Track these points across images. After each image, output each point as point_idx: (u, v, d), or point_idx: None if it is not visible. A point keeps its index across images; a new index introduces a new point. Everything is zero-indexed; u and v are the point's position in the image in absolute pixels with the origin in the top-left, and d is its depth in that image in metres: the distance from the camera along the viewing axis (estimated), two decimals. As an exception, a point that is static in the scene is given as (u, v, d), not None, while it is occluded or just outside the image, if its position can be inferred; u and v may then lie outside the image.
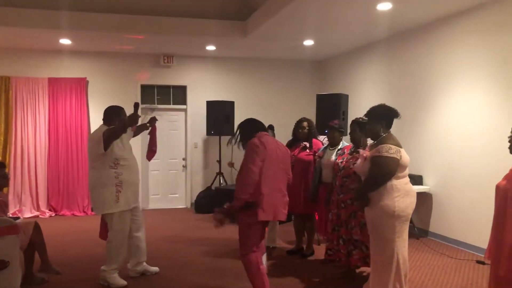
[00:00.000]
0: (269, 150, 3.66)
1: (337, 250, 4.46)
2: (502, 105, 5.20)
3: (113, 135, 4.27)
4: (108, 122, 4.45)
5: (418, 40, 6.67)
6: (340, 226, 4.41)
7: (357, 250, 4.28)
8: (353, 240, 4.29)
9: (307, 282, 4.56)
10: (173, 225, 7.45)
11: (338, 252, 4.46)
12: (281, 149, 3.81)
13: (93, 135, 4.49)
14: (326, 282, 4.57)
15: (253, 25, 7.10)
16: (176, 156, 9.15)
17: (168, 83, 9.02)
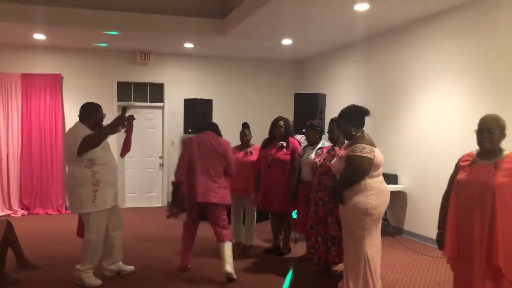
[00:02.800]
0: (196, 147, 4.69)
1: (317, 247, 4.50)
2: (474, 105, 5.33)
3: (93, 144, 4.21)
4: (84, 119, 4.38)
5: (394, 41, 6.77)
6: (318, 223, 4.45)
7: (335, 247, 4.32)
8: (330, 237, 4.33)
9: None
10: (150, 224, 7.38)
11: (318, 250, 4.50)
12: (216, 145, 4.70)
13: (70, 134, 4.40)
14: (303, 280, 4.61)
15: (231, 23, 7.09)
16: (153, 154, 9.07)
17: (145, 81, 8.93)
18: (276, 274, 4.78)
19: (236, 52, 8.88)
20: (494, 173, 2.89)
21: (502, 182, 2.84)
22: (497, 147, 2.97)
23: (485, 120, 3.00)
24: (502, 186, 2.83)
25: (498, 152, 2.96)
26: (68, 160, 4.35)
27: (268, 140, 5.48)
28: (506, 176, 2.84)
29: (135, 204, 8.89)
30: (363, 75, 7.60)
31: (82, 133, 4.23)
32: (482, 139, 2.98)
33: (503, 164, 2.88)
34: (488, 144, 2.97)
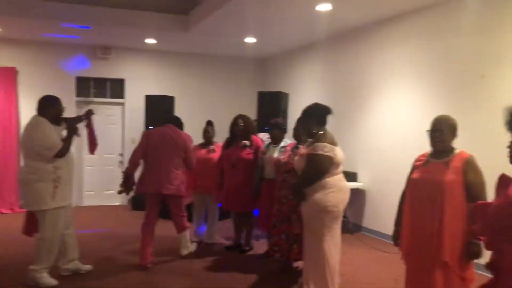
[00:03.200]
0: (154, 139, 4.88)
1: (280, 245, 4.52)
2: (430, 106, 5.50)
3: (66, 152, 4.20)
4: (43, 112, 4.24)
5: (356, 42, 6.89)
6: (282, 221, 4.47)
7: (297, 244, 4.35)
8: (293, 235, 4.36)
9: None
10: (109, 222, 7.23)
11: (281, 248, 4.52)
12: (175, 138, 4.87)
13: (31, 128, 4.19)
14: (264, 277, 4.62)
15: (195, 19, 7.03)
16: (113, 151, 8.87)
17: (105, 76, 8.73)
18: (237, 271, 4.77)
19: (199, 49, 8.81)
20: (444, 172, 2.99)
21: (452, 180, 2.93)
22: (449, 147, 3.07)
23: (436, 121, 3.11)
24: (451, 184, 2.93)
25: (449, 152, 3.06)
26: (27, 154, 4.20)
27: (230, 139, 5.46)
28: (455, 174, 2.94)
29: (93, 202, 8.67)
30: (325, 75, 7.70)
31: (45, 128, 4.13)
32: (433, 139, 3.10)
33: (453, 162, 2.99)
34: (438, 144, 3.08)
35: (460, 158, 2.98)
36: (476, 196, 2.85)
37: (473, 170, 2.95)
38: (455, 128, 3.07)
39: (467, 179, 2.92)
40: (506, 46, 4.62)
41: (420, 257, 3.08)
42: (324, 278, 3.76)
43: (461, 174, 2.93)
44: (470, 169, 2.94)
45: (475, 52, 4.96)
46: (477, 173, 2.95)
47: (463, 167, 2.94)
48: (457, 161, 2.97)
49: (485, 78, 4.83)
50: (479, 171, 2.96)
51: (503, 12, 4.66)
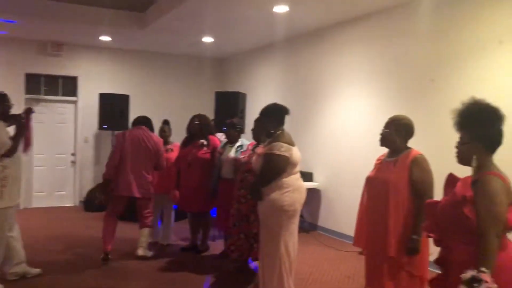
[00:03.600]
0: (128, 141, 4.94)
1: (239, 245, 4.49)
2: (384, 107, 5.65)
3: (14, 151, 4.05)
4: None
5: (312, 44, 7.00)
6: (241, 220, 4.46)
7: (257, 244, 4.34)
8: (253, 234, 4.36)
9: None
10: (60, 224, 6.98)
11: (240, 247, 4.49)
12: (147, 141, 4.97)
13: None
14: (221, 277, 4.61)
15: (151, 17, 6.91)
16: (64, 151, 8.58)
17: (56, 73, 8.43)
18: (193, 272, 4.74)
19: (156, 47, 8.68)
20: (391, 170, 3.09)
21: (396, 178, 3.03)
22: (399, 146, 3.14)
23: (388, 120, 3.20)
24: (396, 182, 3.02)
25: (401, 151, 3.13)
26: None
27: (187, 138, 5.42)
28: (401, 172, 3.03)
29: (44, 204, 8.34)
30: (283, 76, 7.76)
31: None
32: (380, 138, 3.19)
33: (400, 161, 3.08)
34: (382, 142, 3.20)
35: (407, 157, 3.05)
36: (421, 194, 2.93)
37: (419, 168, 3.00)
38: (404, 127, 3.13)
39: (412, 177, 2.99)
40: (455, 51, 4.82)
41: (373, 253, 3.17)
42: (280, 278, 3.78)
43: (407, 172, 3.00)
44: (416, 167, 3.00)
45: (426, 56, 5.15)
46: (423, 171, 3.00)
47: (409, 165, 3.02)
48: (404, 160, 3.05)
49: (435, 82, 5.02)
50: (426, 169, 3.02)
51: (453, 19, 4.85)
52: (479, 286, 1.97)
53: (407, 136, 3.15)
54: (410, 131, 3.16)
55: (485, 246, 2.08)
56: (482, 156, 2.25)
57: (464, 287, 2.01)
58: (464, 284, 2.01)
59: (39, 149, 8.29)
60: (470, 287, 1.99)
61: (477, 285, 1.98)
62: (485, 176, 2.18)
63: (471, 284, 1.99)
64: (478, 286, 1.97)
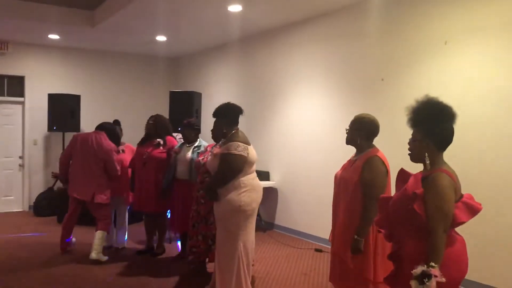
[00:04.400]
0: (78, 144, 5.08)
1: (197, 246, 4.44)
2: (337, 106, 5.77)
3: None
4: None
5: (267, 44, 7.03)
6: (200, 222, 4.41)
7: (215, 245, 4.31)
8: (211, 235, 4.32)
9: None
10: (8, 230, 6.66)
11: (198, 249, 4.44)
12: (96, 147, 5.02)
13: None
14: (177, 280, 4.55)
15: (101, 15, 6.73)
16: (11, 154, 8.22)
17: (1, 73, 8.05)
18: (150, 275, 4.66)
19: (107, 46, 8.46)
20: (348, 170, 3.15)
21: (348, 178, 3.07)
22: (360, 145, 3.15)
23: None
24: (347, 181, 3.07)
25: (362, 150, 3.13)
26: None
27: (144, 138, 5.33)
28: (354, 172, 3.06)
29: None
30: (238, 75, 7.76)
31: None
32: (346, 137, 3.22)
33: (357, 161, 3.10)
34: (346, 141, 3.22)
35: (364, 158, 3.07)
36: (368, 195, 2.94)
37: (369, 168, 2.99)
38: (365, 126, 3.12)
39: (361, 177, 3.00)
40: (403, 51, 4.97)
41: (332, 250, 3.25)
42: (238, 278, 3.76)
43: (359, 172, 3.02)
44: (366, 168, 2.99)
45: (376, 56, 5.29)
46: (372, 172, 2.98)
47: (362, 166, 3.03)
48: (361, 161, 3.08)
49: (385, 81, 5.16)
50: (375, 170, 2.99)
51: (401, 20, 5.01)
52: (429, 281, 2.04)
53: (369, 135, 3.14)
54: (371, 130, 3.14)
55: (434, 241, 2.14)
56: (433, 154, 2.31)
57: (414, 282, 2.08)
58: (414, 279, 2.08)
59: (-16, 152, 7.93)
60: (420, 282, 2.06)
61: (427, 280, 2.05)
62: (434, 173, 2.25)
63: (422, 279, 2.06)
64: (428, 281, 2.05)
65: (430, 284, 2.03)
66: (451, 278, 2.13)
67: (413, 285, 2.07)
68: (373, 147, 3.14)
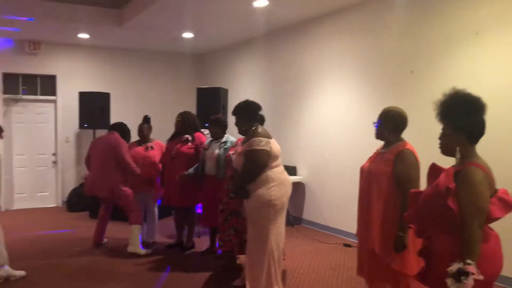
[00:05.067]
0: (94, 147, 5.42)
1: (228, 240, 4.45)
2: (365, 100, 5.70)
3: None
4: None
5: (293, 38, 7.01)
6: (231, 215, 4.45)
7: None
8: (244, 229, 4.34)
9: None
10: (43, 225, 6.89)
11: (230, 242, 4.46)
12: (102, 143, 5.31)
13: None
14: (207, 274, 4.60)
15: (128, 14, 6.83)
16: (45, 151, 8.46)
17: (35, 72, 8.29)
18: (179, 269, 4.73)
19: (135, 44, 8.59)
20: (378, 163, 3.10)
21: (381, 171, 3.02)
22: (389, 138, 3.11)
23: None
24: (379, 175, 3.02)
25: (392, 143, 3.09)
26: None
27: (173, 134, 5.43)
28: (385, 165, 3.01)
29: (26, 205, 8.24)
30: (264, 70, 7.77)
31: None
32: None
33: (387, 154, 3.07)
34: (375, 135, 3.18)
35: (394, 151, 3.03)
36: (404, 189, 2.88)
37: (402, 162, 2.95)
38: (392, 119, 3.08)
39: (394, 171, 2.96)
40: (433, 42, 4.88)
41: (361, 243, 3.22)
42: (269, 272, 3.80)
43: (391, 166, 2.98)
44: (399, 161, 2.95)
45: (405, 48, 5.20)
46: (406, 166, 2.94)
47: (393, 159, 2.99)
48: (391, 153, 3.03)
49: (414, 73, 5.08)
50: (409, 164, 2.95)
51: (430, 11, 4.91)
52: (466, 278, 2.00)
53: (396, 128, 3.09)
54: (399, 123, 3.09)
55: (469, 238, 2.09)
56: (465, 147, 2.26)
57: (451, 280, 2.03)
58: (450, 277, 2.04)
59: (19, 149, 8.19)
60: (456, 279, 2.01)
61: (464, 278, 2.00)
62: (467, 168, 2.20)
63: (458, 276, 2.01)
64: (465, 279, 2.00)
65: (467, 281, 1.99)
66: (486, 275, 2.09)
67: (449, 282, 2.03)
68: (401, 140, 3.10)
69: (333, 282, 4.42)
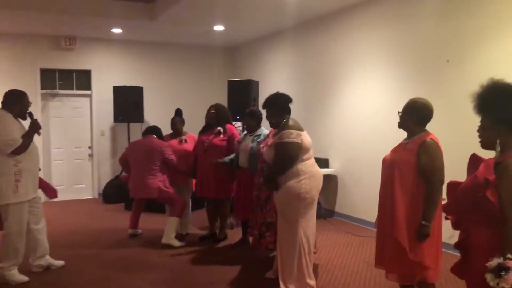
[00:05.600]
0: (131, 151, 5.60)
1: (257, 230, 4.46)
2: (399, 91, 5.58)
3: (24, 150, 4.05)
4: (8, 107, 4.12)
5: (324, 29, 6.92)
6: (258, 208, 4.44)
7: (271, 232, 4.35)
8: (266, 223, 4.37)
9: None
10: (80, 216, 7.10)
11: (254, 234, 4.49)
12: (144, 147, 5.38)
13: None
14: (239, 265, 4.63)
15: (161, 8, 6.89)
16: (81, 144, 8.69)
17: (70, 67, 8.49)
18: (212, 261, 4.78)
19: (167, 38, 8.68)
20: (400, 153, 3.03)
21: (403, 161, 2.95)
22: (413, 129, 3.05)
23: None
24: (402, 165, 2.95)
25: (414, 134, 3.04)
26: None
27: (205, 126, 5.46)
28: (409, 155, 2.95)
29: (63, 197, 8.42)
30: (294, 62, 7.71)
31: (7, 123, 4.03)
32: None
33: (410, 144, 3.00)
34: (399, 125, 3.13)
35: (417, 141, 2.97)
36: (428, 179, 2.86)
37: (426, 153, 2.90)
38: (416, 110, 3.03)
39: (419, 162, 2.89)
40: (470, 30, 4.72)
41: (381, 234, 3.13)
42: (300, 264, 3.80)
43: (414, 156, 2.92)
44: (423, 152, 2.90)
45: (441, 36, 5.05)
46: (429, 155, 2.90)
47: (417, 150, 2.93)
48: (414, 144, 2.98)
49: (451, 62, 4.93)
50: (432, 153, 2.91)
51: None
52: (506, 273, 1.94)
53: (420, 120, 3.04)
54: (423, 114, 3.04)
55: (509, 232, 2.03)
56: (505, 139, 2.19)
57: (490, 275, 1.98)
58: (490, 272, 1.98)
59: (57, 143, 8.44)
60: (497, 275, 1.96)
61: (504, 273, 1.94)
62: (508, 160, 2.13)
63: (498, 272, 1.95)
64: (505, 274, 1.94)
65: (508, 277, 1.92)
66: None
67: (489, 278, 1.97)
68: (425, 131, 3.04)
69: (366, 275, 4.37)
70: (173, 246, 5.23)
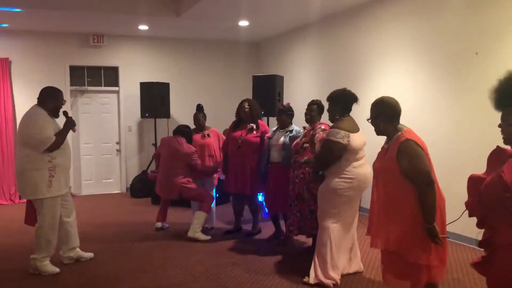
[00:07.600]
0: (162, 147, 5.65)
1: (296, 222, 4.47)
2: (426, 84, 5.49)
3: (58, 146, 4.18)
4: (43, 104, 4.24)
5: (349, 22, 6.85)
6: (296, 200, 4.45)
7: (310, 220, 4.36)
8: (308, 210, 4.36)
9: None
10: (108, 210, 7.25)
11: (297, 225, 4.49)
12: (172, 148, 5.45)
13: (29, 118, 4.21)
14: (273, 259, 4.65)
15: (186, 4, 6.95)
16: (109, 140, 8.87)
17: (98, 64, 8.67)
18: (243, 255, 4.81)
19: (192, 34, 8.75)
20: (384, 159, 2.95)
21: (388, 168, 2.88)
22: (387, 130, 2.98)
23: None
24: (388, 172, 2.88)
25: (392, 134, 2.96)
26: (24, 143, 4.20)
27: (236, 122, 5.46)
28: (390, 162, 2.86)
29: (92, 191, 8.69)
30: (319, 57, 7.66)
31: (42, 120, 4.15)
32: None
33: (389, 151, 2.91)
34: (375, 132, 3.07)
35: (395, 146, 2.87)
36: (415, 182, 2.75)
37: (405, 157, 2.80)
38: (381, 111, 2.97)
39: (401, 167, 2.79)
40: (499, 22, 4.60)
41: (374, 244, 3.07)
42: (324, 259, 3.83)
43: (395, 163, 2.82)
44: (402, 157, 2.80)
45: (469, 28, 4.94)
46: (410, 159, 2.79)
47: (396, 156, 2.82)
48: (392, 150, 2.87)
49: (479, 54, 4.82)
50: (413, 155, 2.79)
51: (497, -12, 4.63)
52: None
53: (389, 118, 2.96)
54: (390, 112, 2.96)
55: None
56: None
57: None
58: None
59: (86, 138, 8.64)
60: None
61: None
62: None
63: None
64: None
65: None
66: None
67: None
68: (400, 130, 2.94)
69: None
70: (199, 240, 5.29)
